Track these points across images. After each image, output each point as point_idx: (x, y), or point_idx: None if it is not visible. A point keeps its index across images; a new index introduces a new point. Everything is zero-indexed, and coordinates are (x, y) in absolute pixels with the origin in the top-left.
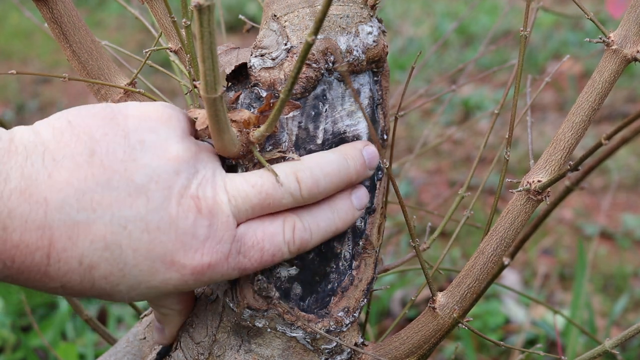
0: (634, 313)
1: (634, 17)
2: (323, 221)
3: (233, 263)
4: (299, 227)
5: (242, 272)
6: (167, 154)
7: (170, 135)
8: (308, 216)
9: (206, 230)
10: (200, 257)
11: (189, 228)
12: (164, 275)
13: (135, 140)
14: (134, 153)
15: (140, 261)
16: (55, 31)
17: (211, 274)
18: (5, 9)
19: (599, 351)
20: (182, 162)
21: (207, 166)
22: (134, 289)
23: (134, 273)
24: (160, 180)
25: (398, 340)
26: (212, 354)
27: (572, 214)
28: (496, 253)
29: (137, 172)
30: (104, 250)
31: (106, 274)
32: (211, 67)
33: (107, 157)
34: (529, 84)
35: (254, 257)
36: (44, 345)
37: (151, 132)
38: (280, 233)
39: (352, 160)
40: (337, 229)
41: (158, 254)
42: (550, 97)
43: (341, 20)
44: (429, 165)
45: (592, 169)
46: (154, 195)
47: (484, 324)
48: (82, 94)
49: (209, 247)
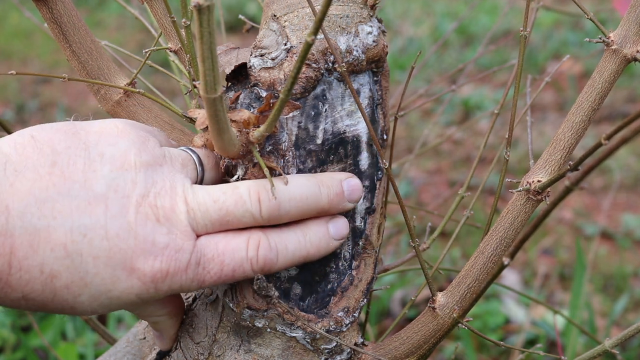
0: (634, 313)
1: (634, 17)
2: (292, 244)
3: (192, 274)
4: (264, 246)
5: (201, 285)
6: (125, 165)
7: (129, 148)
8: (276, 236)
9: (165, 238)
10: (160, 264)
11: (148, 235)
12: (125, 284)
13: (96, 153)
14: (93, 165)
15: (101, 269)
16: (55, 31)
17: (170, 283)
18: (5, 9)
19: (599, 351)
20: (139, 173)
21: (166, 177)
22: (96, 299)
23: (95, 282)
24: (118, 189)
25: (398, 340)
26: (212, 354)
27: (572, 214)
28: (496, 253)
29: (96, 182)
30: (65, 258)
31: (67, 283)
32: (211, 67)
33: (68, 168)
34: (529, 84)
35: (213, 270)
36: (44, 345)
37: (110, 146)
38: (243, 249)
39: (326, 188)
40: (309, 255)
41: (118, 261)
42: (550, 97)
43: (341, 20)
44: (429, 165)
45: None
46: (112, 204)
47: (484, 324)
48: (82, 94)
49: (168, 254)
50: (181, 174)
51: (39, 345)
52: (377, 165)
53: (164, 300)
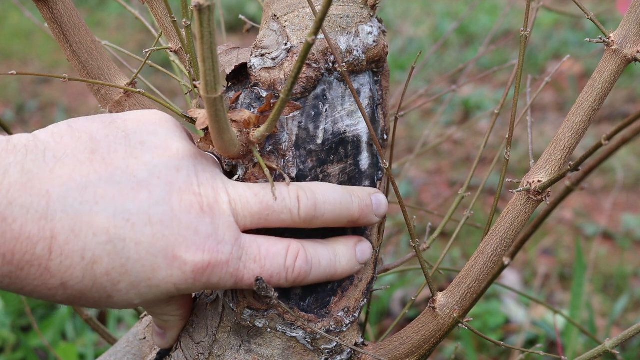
0: (634, 313)
1: (634, 17)
2: (325, 260)
3: (232, 269)
4: (302, 257)
5: (238, 283)
6: (168, 152)
7: (169, 136)
8: (312, 250)
9: (208, 228)
10: (202, 255)
11: (192, 223)
12: (165, 272)
13: (136, 141)
14: (135, 152)
15: (143, 255)
16: (55, 31)
17: (210, 275)
18: (5, 9)
19: (599, 351)
20: (183, 160)
21: (206, 169)
22: (135, 287)
23: (136, 268)
24: (161, 175)
25: (398, 340)
26: (212, 354)
27: (572, 214)
28: (496, 253)
29: (139, 168)
30: (107, 243)
31: (108, 270)
32: (211, 67)
33: (109, 155)
34: (529, 84)
35: (254, 271)
36: (44, 345)
37: (150, 134)
38: (283, 256)
39: (357, 198)
40: (336, 274)
41: (160, 248)
42: (550, 97)
43: (341, 20)
44: (429, 165)
45: (592, 169)
46: (156, 190)
47: (484, 324)
48: (82, 94)
49: (210, 245)
50: (217, 167)
51: (39, 345)
52: (377, 165)
53: (183, 300)
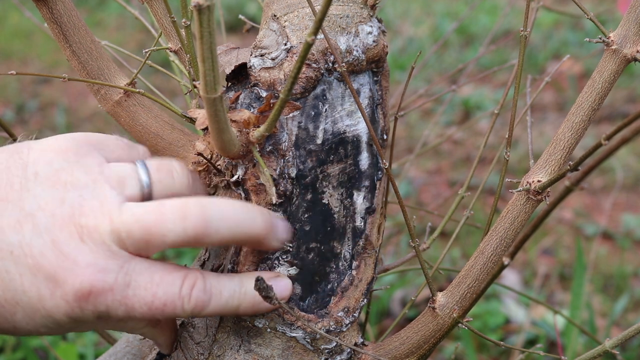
0: (634, 313)
1: (634, 17)
2: (227, 292)
3: (119, 296)
4: (199, 287)
5: (129, 311)
6: (57, 184)
7: (62, 167)
8: (214, 280)
9: (88, 257)
10: (80, 283)
11: (70, 253)
12: (51, 302)
13: (31, 172)
14: (28, 184)
15: (27, 287)
16: (55, 31)
17: (95, 303)
18: (5, 9)
19: (599, 351)
20: (69, 192)
21: (96, 196)
22: (31, 317)
23: (24, 300)
24: (46, 207)
25: (398, 340)
26: (212, 354)
27: (572, 214)
28: (496, 253)
29: (27, 201)
30: None
31: (1, 301)
32: (211, 67)
33: (5, 189)
34: (529, 84)
35: (145, 298)
36: (44, 345)
37: (45, 165)
38: (177, 285)
39: (263, 215)
40: (240, 307)
41: (42, 279)
42: (550, 97)
43: (341, 20)
44: (429, 165)
45: (592, 169)
46: (39, 222)
47: (484, 324)
48: (82, 94)
49: (90, 273)
50: (114, 191)
51: (39, 345)
52: (377, 165)
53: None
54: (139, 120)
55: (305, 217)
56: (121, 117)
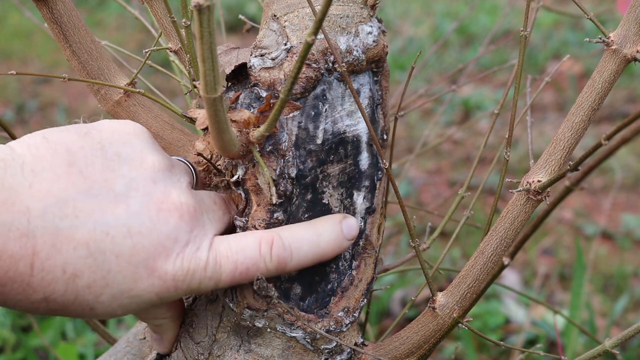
0: (634, 313)
1: (634, 17)
2: (306, 242)
3: (210, 272)
4: (278, 245)
5: (218, 284)
6: (144, 164)
7: (144, 148)
8: (289, 235)
9: (187, 236)
10: (181, 263)
11: (171, 232)
12: (146, 282)
13: (112, 152)
14: (111, 164)
15: (124, 267)
16: (55, 31)
17: (190, 281)
18: (5, 9)
19: (599, 351)
20: (159, 172)
21: (181, 179)
22: (117, 299)
23: (117, 280)
24: (139, 188)
25: (398, 340)
26: (212, 354)
27: (572, 214)
28: (496, 253)
29: (116, 182)
30: (88, 257)
31: (90, 283)
32: (211, 67)
33: (87, 168)
34: (529, 84)
35: (228, 268)
36: (44, 345)
37: (126, 145)
38: (255, 247)
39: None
40: (324, 254)
41: (140, 259)
42: (550, 97)
43: (341, 20)
44: (429, 165)
45: (592, 169)
46: (134, 202)
47: (484, 324)
48: (82, 94)
49: (189, 252)
50: (189, 178)
51: (39, 345)
52: (377, 165)
53: (172, 303)
54: (139, 120)
55: (305, 217)
56: (121, 117)
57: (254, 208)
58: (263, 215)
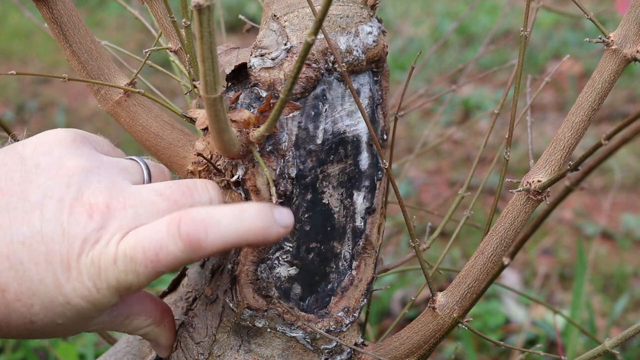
0: (634, 313)
1: (634, 17)
2: (226, 218)
3: (122, 265)
4: (186, 221)
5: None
6: (60, 171)
7: (63, 154)
8: (203, 211)
9: (96, 234)
10: (91, 261)
11: (79, 233)
12: (68, 287)
13: (31, 164)
14: (29, 176)
15: (43, 275)
16: (55, 31)
17: (107, 279)
18: (5, 9)
19: (599, 351)
20: (74, 176)
21: (103, 178)
22: (49, 308)
23: (41, 289)
24: (53, 194)
25: (398, 340)
26: (212, 354)
27: (572, 214)
28: (496, 253)
29: (32, 192)
30: (10, 269)
31: (17, 295)
32: (211, 67)
33: (5, 184)
34: (529, 84)
35: (138, 258)
36: (44, 345)
37: (45, 155)
38: (162, 230)
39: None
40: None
41: (57, 264)
42: (550, 97)
43: (341, 20)
44: (429, 165)
45: (592, 169)
46: (47, 209)
47: (484, 324)
48: (82, 94)
49: (97, 249)
50: (119, 176)
51: (39, 345)
52: (377, 165)
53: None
54: (139, 120)
55: (305, 217)
56: (121, 117)
57: None
58: None
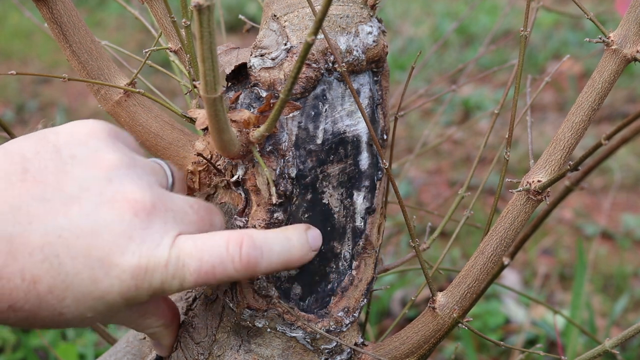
0: (634, 313)
1: (634, 16)
2: (277, 245)
3: (172, 270)
4: (248, 244)
5: (182, 283)
6: (99, 164)
7: (100, 147)
8: (260, 235)
9: (142, 233)
10: (138, 259)
11: (125, 230)
12: (105, 282)
13: (67, 154)
14: (65, 167)
15: (80, 269)
16: (55, 31)
17: (151, 280)
18: (5, 9)
19: (599, 351)
20: (114, 170)
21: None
22: (81, 302)
23: (76, 283)
24: (91, 188)
25: (398, 340)
26: (212, 354)
27: (572, 214)
28: (496, 253)
29: (69, 183)
30: (44, 261)
31: (50, 287)
32: (211, 67)
33: (40, 173)
34: (529, 84)
35: (192, 267)
36: (44, 345)
37: (81, 146)
38: (222, 246)
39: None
40: (292, 259)
41: (96, 259)
42: (550, 97)
43: (341, 20)
44: (429, 165)
45: (592, 169)
46: (86, 203)
47: (484, 324)
48: (82, 94)
49: (146, 250)
50: (153, 178)
51: (39, 345)
52: (377, 165)
53: (159, 312)
54: (139, 120)
55: (305, 217)
56: (121, 117)
57: (253, 208)
58: (263, 216)
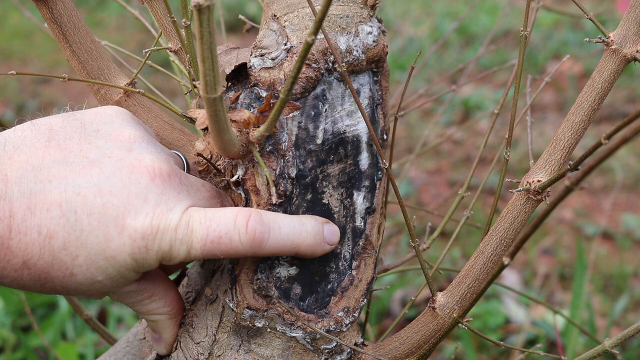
0: (634, 313)
1: (634, 16)
2: (287, 227)
3: (181, 234)
4: (255, 219)
5: (190, 250)
6: (121, 137)
7: (124, 124)
8: (271, 215)
9: (157, 197)
10: (150, 220)
11: (141, 192)
12: (118, 241)
13: (91, 129)
14: (89, 138)
15: (95, 226)
16: (55, 31)
17: (160, 242)
18: (5, 9)
19: (599, 351)
20: (135, 143)
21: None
22: (93, 260)
23: (90, 240)
24: (112, 155)
25: (398, 340)
26: (212, 354)
27: (572, 214)
28: (496, 253)
29: (91, 151)
30: (61, 217)
31: (64, 243)
32: (211, 67)
33: (64, 141)
34: (529, 84)
35: (200, 233)
36: (44, 345)
37: (106, 124)
38: (231, 217)
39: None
40: (302, 244)
41: (111, 217)
42: (550, 97)
43: (341, 20)
44: (429, 165)
45: (592, 169)
46: (106, 166)
47: (484, 324)
48: (82, 94)
49: (159, 212)
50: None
51: (39, 345)
52: (377, 165)
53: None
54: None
55: None
56: None
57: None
58: None
